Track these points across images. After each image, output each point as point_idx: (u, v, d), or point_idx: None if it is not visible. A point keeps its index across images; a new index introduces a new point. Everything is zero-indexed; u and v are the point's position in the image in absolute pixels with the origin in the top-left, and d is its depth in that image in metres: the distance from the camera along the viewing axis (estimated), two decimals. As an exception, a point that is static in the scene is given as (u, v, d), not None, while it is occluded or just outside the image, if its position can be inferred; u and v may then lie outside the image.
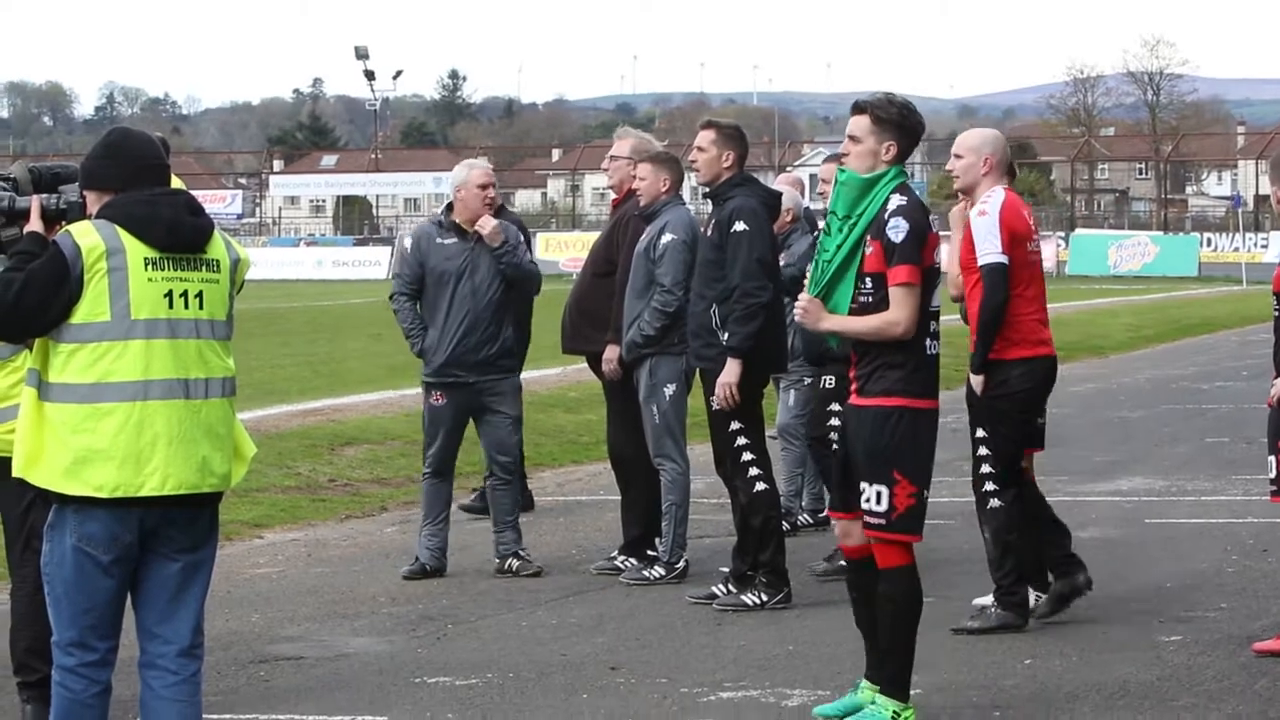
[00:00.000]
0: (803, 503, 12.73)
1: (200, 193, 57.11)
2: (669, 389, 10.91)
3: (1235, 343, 31.07)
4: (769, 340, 10.09)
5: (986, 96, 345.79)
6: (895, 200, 7.60)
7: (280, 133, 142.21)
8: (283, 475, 14.98)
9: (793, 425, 12.40)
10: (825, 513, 11.46)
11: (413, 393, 20.37)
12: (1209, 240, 67.19)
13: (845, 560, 8.04)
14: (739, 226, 10.05)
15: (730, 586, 10.24)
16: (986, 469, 9.43)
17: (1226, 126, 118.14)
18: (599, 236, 12.15)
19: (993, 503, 9.42)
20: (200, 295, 6.12)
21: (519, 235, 11.53)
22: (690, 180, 11.32)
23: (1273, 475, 9.22)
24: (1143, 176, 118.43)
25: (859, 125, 7.71)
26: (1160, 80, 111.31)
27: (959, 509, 12.10)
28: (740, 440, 10.11)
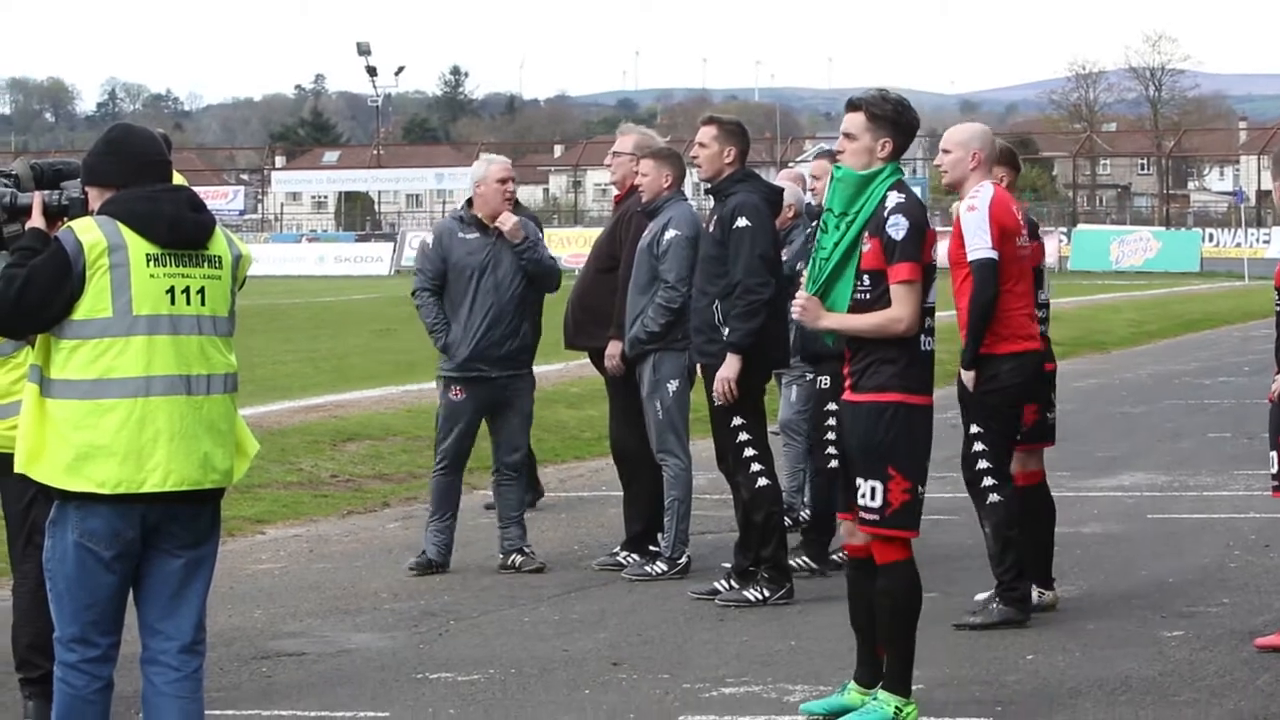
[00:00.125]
0: (805, 498, 12.71)
1: (202, 189, 57.02)
2: (672, 385, 10.91)
3: (1237, 338, 31.05)
4: (771, 336, 10.09)
5: (988, 92, 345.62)
6: (894, 197, 7.60)
7: (282, 129, 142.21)
8: (285, 471, 14.97)
9: (795, 421, 12.39)
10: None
11: (415, 388, 20.41)
12: (1211, 236, 67.12)
13: (848, 558, 8.03)
14: (741, 223, 10.04)
15: (732, 582, 10.24)
16: (983, 464, 9.42)
17: (1229, 122, 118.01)
18: (602, 232, 12.15)
19: (992, 498, 9.41)
20: (202, 291, 6.12)
21: (538, 231, 11.57)
22: (692, 176, 11.32)
23: (1274, 470, 9.23)
24: (1145, 172, 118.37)
25: (854, 122, 7.70)
26: (1162, 76, 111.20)
27: (961, 504, 12.08)
28: (742, 436, 10.11)
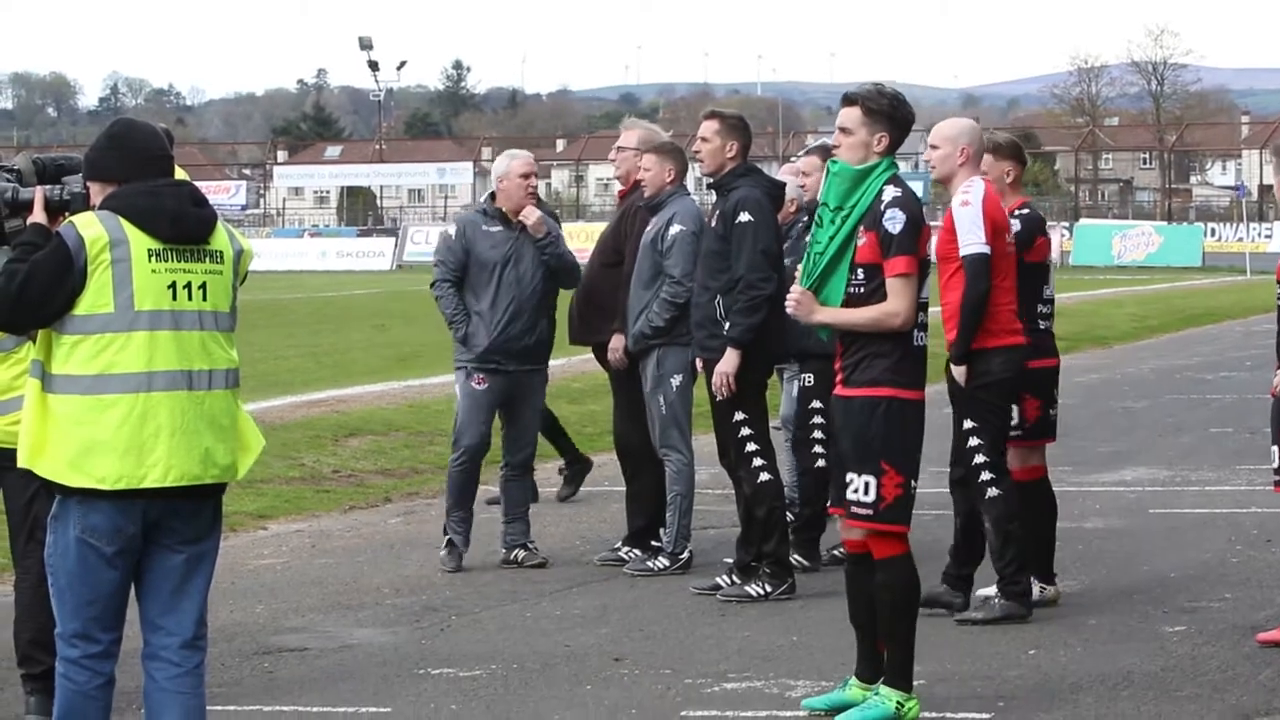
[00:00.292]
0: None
1: (204, 184, 57.06)
2: (676, 380, 10.91)
3: (1239, 333, 31.02)
4: (772, 331, 10.08)
5: (990, 86, 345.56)
6: (890, 192, 7.60)
7: (284, 124, 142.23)
8: (286, 466, 14.97)
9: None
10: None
11: (417, 383, 20.42)
12: (1213, 230, 66.98)
13: (846, 555, 8.02)
14: (744, 218, 10.04)
15: (735, 577, 10.24)
16: (980, 459, 9.41)
17: (1231, 116, 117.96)
18: (606, 227, 12.14)
19: (991, 492, 9.40)
20: (204, 287, 6.12)
21: (558, 227, 11.58)
22: (694, 171, 11.32)
23: (1276, 465, 9.21)
24: (1147, 166, 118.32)
25: (850, 117, 7.69)
26: (1164, 70, 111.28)
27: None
28: (744, 431, 10.10)
